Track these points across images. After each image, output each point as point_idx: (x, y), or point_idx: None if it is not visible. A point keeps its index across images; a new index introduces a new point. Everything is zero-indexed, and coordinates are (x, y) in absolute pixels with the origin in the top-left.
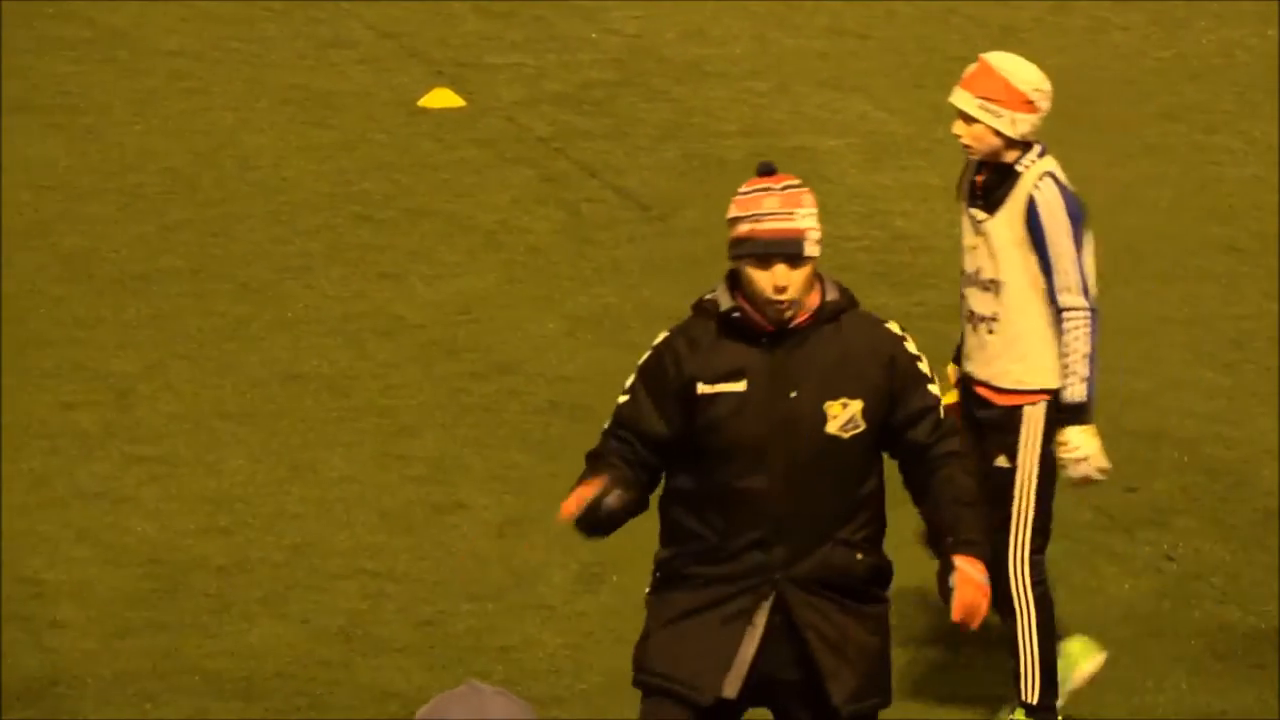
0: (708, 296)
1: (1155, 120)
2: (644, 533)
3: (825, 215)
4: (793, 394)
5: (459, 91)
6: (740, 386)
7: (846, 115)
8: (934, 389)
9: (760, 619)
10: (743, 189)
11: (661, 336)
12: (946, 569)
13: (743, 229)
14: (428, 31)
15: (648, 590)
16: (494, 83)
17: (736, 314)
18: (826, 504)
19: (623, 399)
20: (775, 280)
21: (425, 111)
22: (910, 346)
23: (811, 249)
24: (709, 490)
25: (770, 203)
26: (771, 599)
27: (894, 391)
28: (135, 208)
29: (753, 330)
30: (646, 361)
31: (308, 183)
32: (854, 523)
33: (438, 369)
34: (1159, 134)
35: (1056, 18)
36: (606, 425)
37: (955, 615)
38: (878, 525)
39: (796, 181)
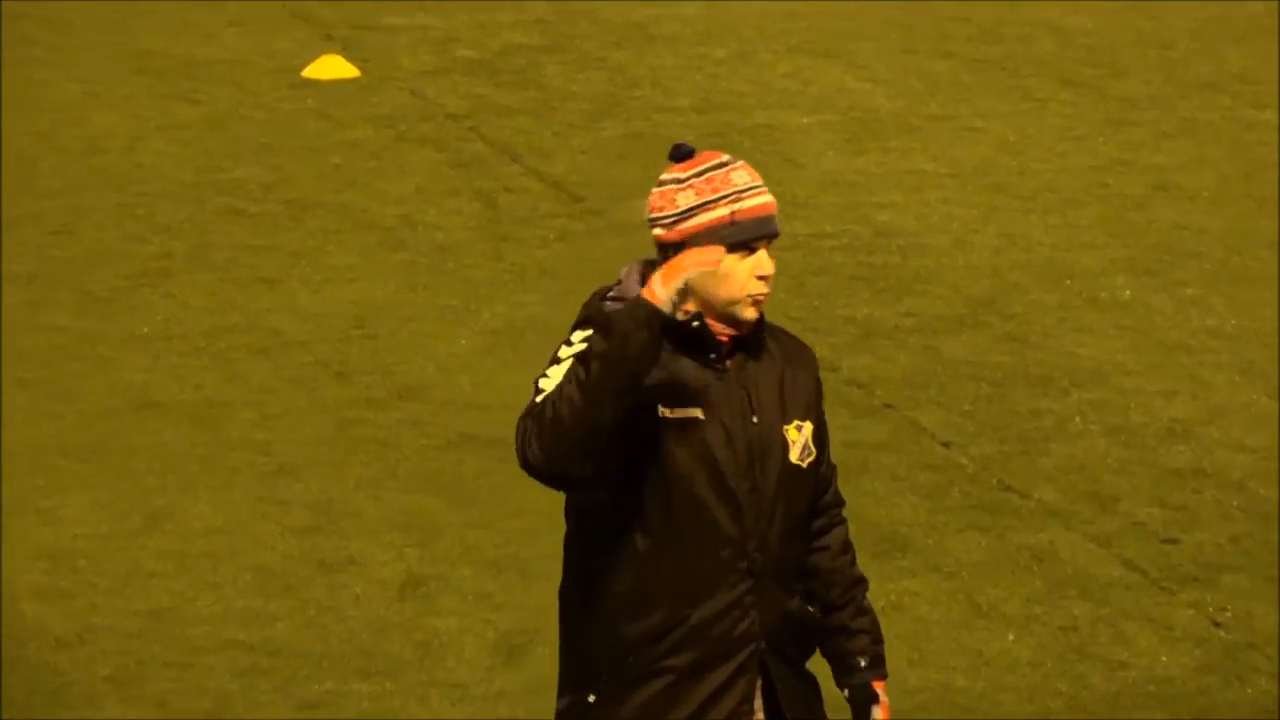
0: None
1: (1194, 92)
2: None
3: (796, 207)
4: (754, 419)
5: (351, 59)
6: (697, 413)
7: (821, 87)
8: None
9: (759, 705)
10: (692, 170)
11: (589, 334)
12: (867, 697)
13: (720, 213)
14: None
15: (587, 697)
16: (394, 48)
17: (697, 324)
18: (790, 549)
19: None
20: (760, 268)
21: (311, 83)
22: None
23: None
24: (665, 547)
25: (740, 177)
26: (759, 678)
27: (820, 410)
28: None
29: (705, 344)
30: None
31: (168, 169)
32: (798, 569)
33: (325, 395)
34: (1199, 108)
35: None
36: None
37: None
38: None
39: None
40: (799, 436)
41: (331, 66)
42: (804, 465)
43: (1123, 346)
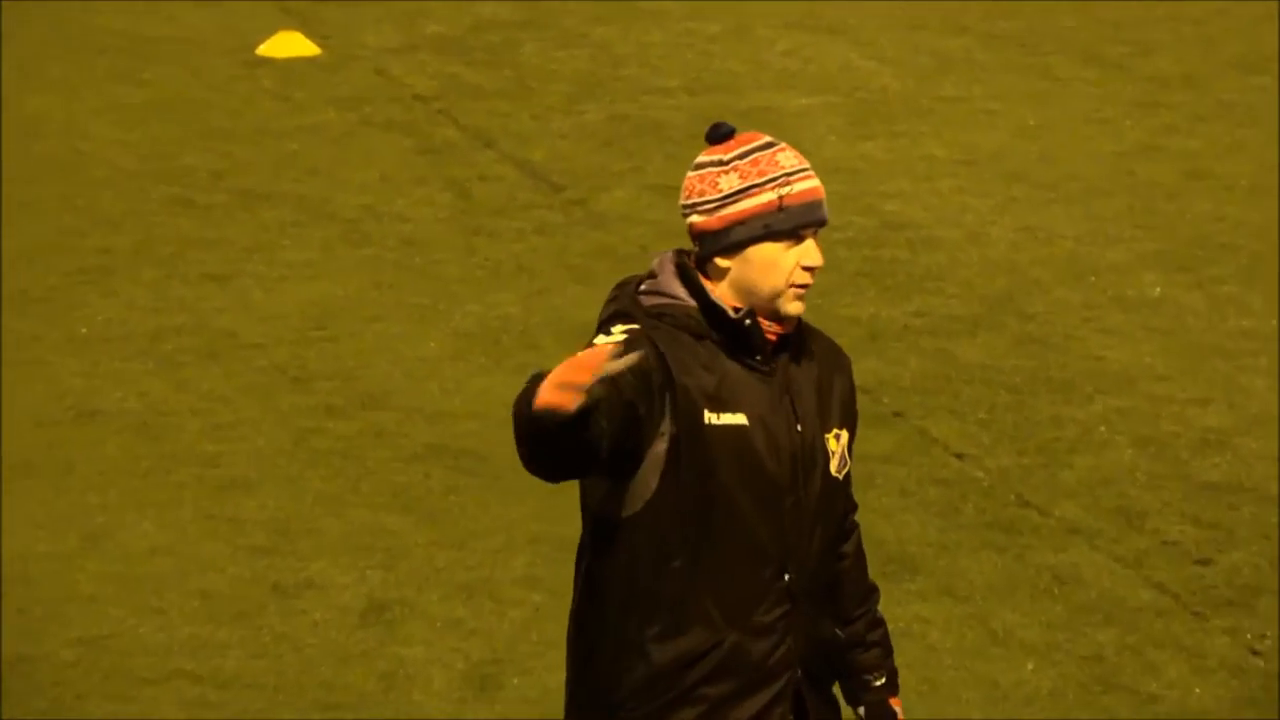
0: (669, 300)
1: (1230, 71)
2: (551, 621)
3: None
4: (799, 427)
5: (311, 35)
6: (741, 419)
7: (822, 65)
8: None
9: None
10: (735, 152)
11: (630, 326)
12: (886, 715)
13: (767, 198)
14: None
15: None
16: (357, 24)
17: (749, 321)
18: (824, 569)
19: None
20: (807, 257)
21: (267, 62)
22: None
23: None
24: (703, 565)
25: (787, 159)
26: (793, 710)
27: (855, 416)
28: None
29: (752, 343)
30: (623, 343)
31: (110, 156)
32: (828, 589)
33: (281, 403)
34: (1236, 89)
35: None
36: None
37: None
38: None
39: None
40: (838, 446)
41: (289, 44)
42: (840, 477)
43: (1152, 349)
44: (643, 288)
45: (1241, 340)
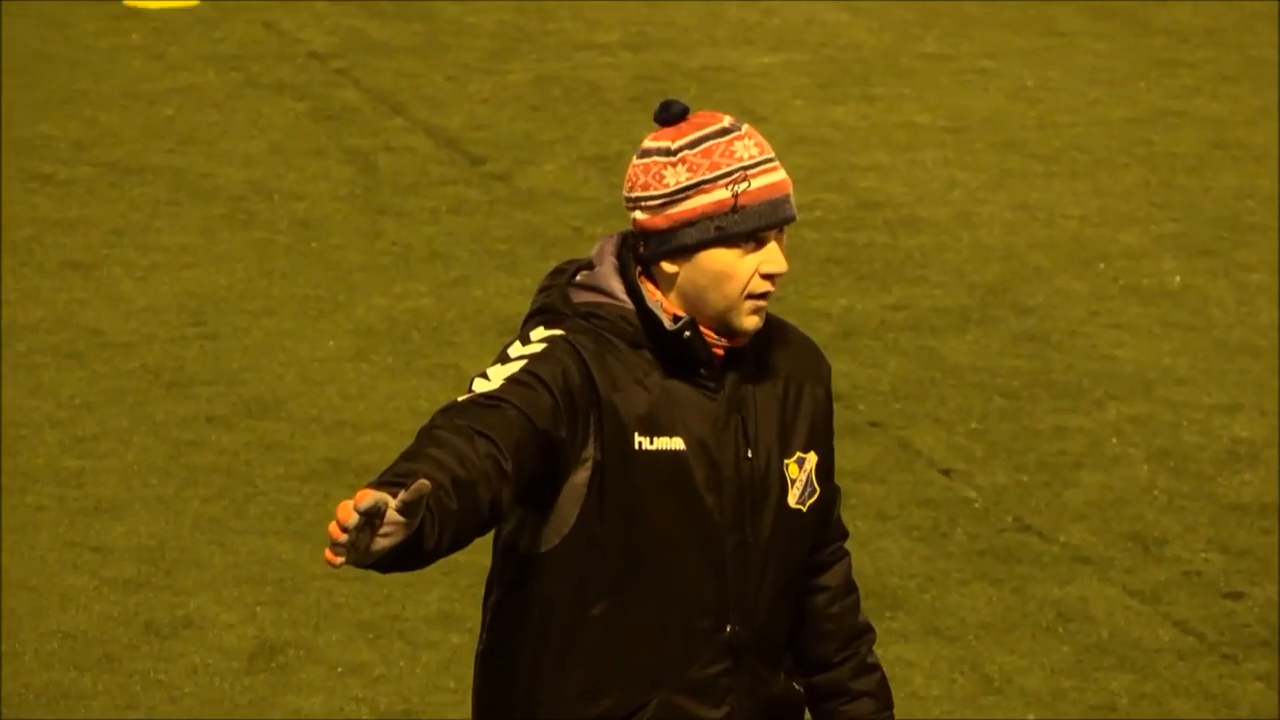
0: (603, 299)
1: (1261, 23)
2: (470, 664)
3: None
4: (749, 454)
5: None
6: (678, 444)
7: (787, 18)
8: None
9: None
10: (685, 139)
11: (552, 333)
12: None
13: (720, 195)
14: None
15: None
16: None
17: (689, 333)
18: (779, 617)
19: (498, 385)
20: (769, 263)
21: (137, 13)
22: None
23: None
24: (627, 612)
25: (745, 148)
26: None
27: (829, 434)
28: None
29: (695, 358)
30: (541, 355)
31: None
32: (785, 641)
33: (154, 412)
34: (1267, 44)
35: None
36: (438, 418)
37: None
38: None
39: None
40: (800, 473)
41: None
42: (804, 509)
43: (1172, 348)
44: (578, 278)
45: (1275, 337)
